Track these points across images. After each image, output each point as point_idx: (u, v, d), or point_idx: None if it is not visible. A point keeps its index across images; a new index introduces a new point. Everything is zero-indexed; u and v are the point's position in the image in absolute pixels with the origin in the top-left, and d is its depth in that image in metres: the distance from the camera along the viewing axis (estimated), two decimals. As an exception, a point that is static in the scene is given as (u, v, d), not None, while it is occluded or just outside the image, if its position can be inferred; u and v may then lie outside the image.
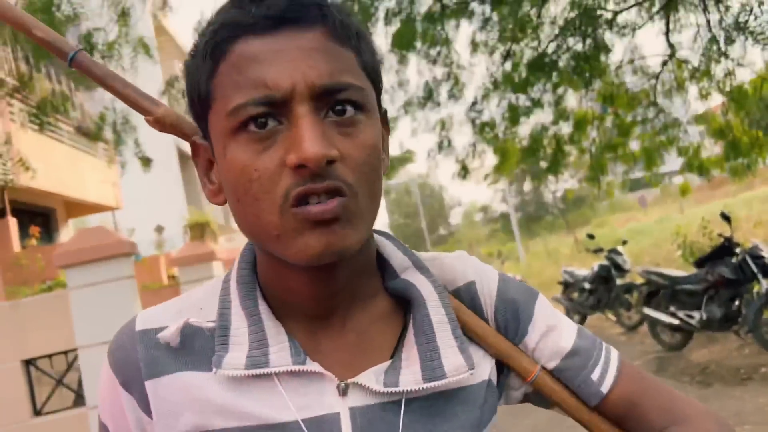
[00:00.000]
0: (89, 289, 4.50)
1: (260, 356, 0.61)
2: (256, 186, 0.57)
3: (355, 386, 0.62)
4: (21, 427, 4.48)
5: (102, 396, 0.67)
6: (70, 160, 10.09)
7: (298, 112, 0.56)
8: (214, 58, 0.59)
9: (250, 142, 0.57)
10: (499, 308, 0.71)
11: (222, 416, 0.61)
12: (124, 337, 0.66)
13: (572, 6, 7.13)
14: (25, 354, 4.54)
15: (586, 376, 0.70)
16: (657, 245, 12.99)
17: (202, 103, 0.62)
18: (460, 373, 0.63)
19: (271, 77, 0.56)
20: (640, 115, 8.37)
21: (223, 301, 0.65)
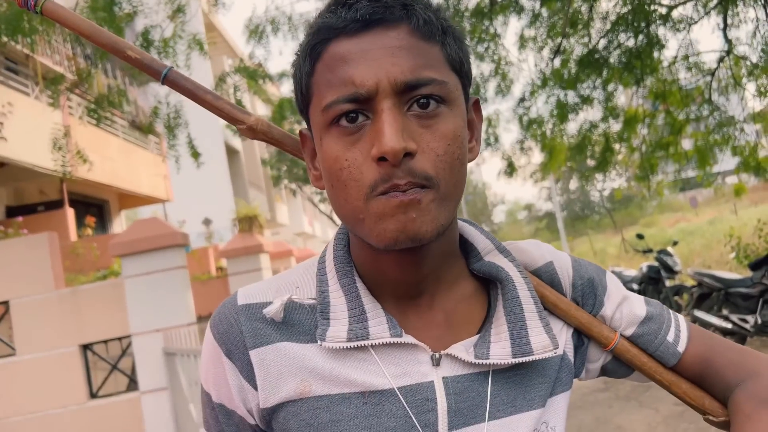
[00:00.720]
0: (143, 277, 4.66)
1: (360, 330, 0.66)
2: (345, 174, 0.62)
3: (447, 357, 0.67)
4: (78, 409, 4.67)
5: (205, 366, 0.72)
6: (123, 153, 10.42)
7: (381, 108, 0.60)
8: (311, 59, 0.65)
9: (342, 135, 0.62)
10: (577, 284, 0.77)
11: (323, 383, 0.66)
12: (226, 311, 0.71)
13: (625, 1, 6.97)
14: (82, 339, 4.73)
15: (663, 339, 0.76)
16: (708, 246, 12.60)
17: (304, 99, 0.67)
18: (546, 351, 0.68)
19: (358, 76, 0.61)
20: (694, 113, 8.13)
21: (320, 280, 0.70)
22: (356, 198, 0.61)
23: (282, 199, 24.15)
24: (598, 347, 0.77)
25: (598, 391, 5.81)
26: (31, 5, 0.80)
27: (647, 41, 6.92)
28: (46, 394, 4.66)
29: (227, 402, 0.70)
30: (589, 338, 0.77)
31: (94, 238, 8.80)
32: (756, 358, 0.76)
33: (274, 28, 6.59)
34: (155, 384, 4.62)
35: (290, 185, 20.66)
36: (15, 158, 7.28)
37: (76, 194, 9.96)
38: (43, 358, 4.69)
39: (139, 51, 0.81)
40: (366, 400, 0.66)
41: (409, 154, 0.59)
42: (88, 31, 0.81)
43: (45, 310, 4.73)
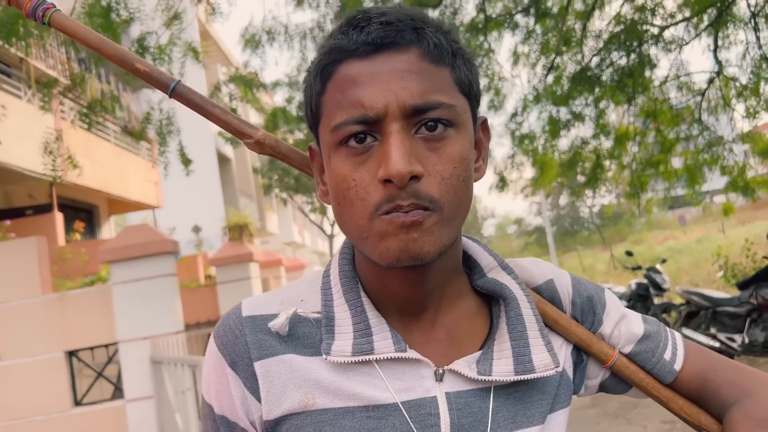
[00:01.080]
0: (132, 284, 4.63)
1: (365, 344, 0.66)
2: (352, 193, 0.63)
3: (451, 373, 0.68)
4: (62, 416, 4.61)
5: (208, 377, 0.72)
6: (114, 158, 10.38)
7: (390, 130, 0.61)
8: (322, 78, 0.66)
9: (350, 155, 0.63)
10: (576, 302, 0.78)
11: (327, 396, 0.67)
12: (231, 322, 0.71)
13: (618, 20, 7.06)
14: (68, 345, 4.68)
15: (660, 357, 0.78)
16: (696, 265, 12.69)
17: (313, 116, 0.69)
18: (547, 369, 0.69)
19: (368, 98, 0.62)
20: (684, 132, 8.22)
21: (325, 294, 0.71)
22: (361, 217, 0.63)
23: (272, 208, 24.10)
24: (596, 364, 0.78)
25: (587, 407, 5.81)
26: (39, 16, 0.80)
27: (639, 60, 7.01)
28: (30, 400, 4.60)
29: (229, 414, 0.70)
30: (588, 355, 0.78)
31: (82, 243, 8.73)
32: (753, 377, 0.77)
33: (269, 38, 6.61)
34: (141, 392, 4.57)
35: (281, 194, 20.64)
36: (5, 161, 7.23)
37: (66, 199, 9.89)
38: (27, 363, 4.64)
39: (147, 64, 0.82)
40: (370, 414, 0.66)
41: (415, 177, 0.61)
42: (95, 42, 0.81)
43: (31, 315, 4.68)
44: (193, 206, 15.80)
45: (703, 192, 8.80)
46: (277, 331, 0.69)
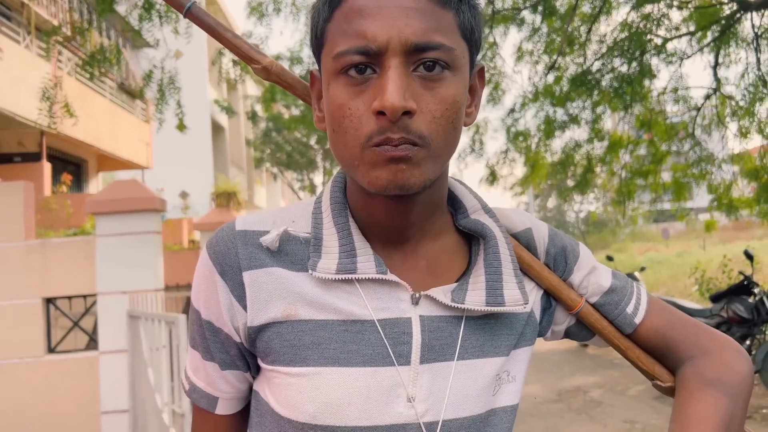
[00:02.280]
0: (116, 238, 4.63)
1: (349, 264, 0.71)
2: (347, 122, 0.66)
3: (426, 298, 0.72)
4: (34, 362, 4.63)
5: (198, 285, 0.76)
6: (108, 114, 10.29)
7: (389, 64, 0.64)
8: (330, 6, 0.68)
9: (349, 84, 0.66)
10: (550, 251, 0.83)
11: (310, 308, 0.71)
12: (224, 234, 0.75)
13: (623, 27, 7.11)
14: (46, 292, 4.68)
15: (622, 310, 0.82)
16: (674, 277, 12.87)
17: (318, 42, 0.71)
18: (516, 304, 0.74)
19: (371, 30, 0.64)
20: (676, 145, 8.31)
21: (315, 217, 0.75)
22: (353, 146, 0.65)
23: (262, 181, 24.01)
24: (563, 311, 0.83)
25: (551, 402, 5.92)
26: None
27: (640, 69, 7.07)
28: (3, 343, 4.61)
29: (215, 320, 0.74)
30: (557, 301, 0.83)
31: (68, 195, 8.68)
32: (709, 337, 0.81)
33: (276, 8, 6.59)
34: (115, 345, 4.59)
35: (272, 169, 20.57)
36: (-3, 105, 7.16)
37: (55, 150, 9.81)
38: (4, 306, 4.64)
39: None
40: (347, 327, 0.70)
41: (408, 113, 0.63)
42: None
43: (12, 259, 4.68)
44: (182, 171, 15.72)
45: (688, 208, 8.92)
46: (268, 246, 0.72)
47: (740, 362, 0.79)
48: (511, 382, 0.77)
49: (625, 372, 7.09)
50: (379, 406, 0.69)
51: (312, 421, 0.69)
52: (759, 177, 7.41)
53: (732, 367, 0.78)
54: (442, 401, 0.71)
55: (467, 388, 0.72)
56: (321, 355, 0.70)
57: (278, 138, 18.78)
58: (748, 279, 6.31)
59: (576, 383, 6.73)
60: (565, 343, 9.70)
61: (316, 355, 0.70)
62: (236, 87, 18.50)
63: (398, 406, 0.70)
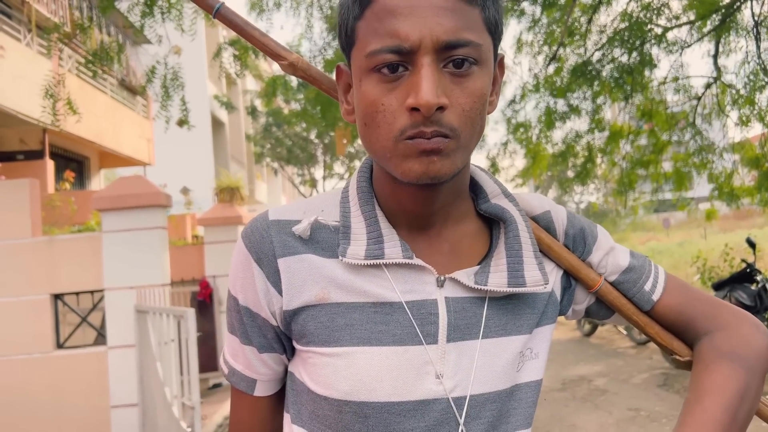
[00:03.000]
0: (122, 234, 4.66)
1: (377, 250, 0.75)
2: (380, 117, 0.69)
3: (451, 280, 0.76)
4: (43, 357, 4.67)
5: (234, 272, 0.80)
6: (109, 111, 10.31)
7: (421, 62, 0.67)
8: (361, 4, 0.71)
9: (381, 81, 0.69)
10: (569, 233, 0.86)
11: (340, 291, 0.75)
12: (258, 224, 0.79)
13: (623, 17, 7.11)
14: (54, 288, 4.72)
15: (641, 287, 0.86)
16: (676, 267, 12.92)
17: (348, 39, 0.74)
18: (537, 285, 0.77)
19: (404, 30, 0.67)
20: (677, 135, 8.32)
21: (343, 206, 0.80)
22: (386, 139, 0.69)
23: (262, 176, 24.02)
24: (583, 290, 0.86)
25: (556, 390, 5.97)
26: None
27: (640, 59, 7.07)
28: (12, 339, 4.65)
29: (252, 305, 0.78)
30: (576, 281, 0.86)
31: (71, 192, 8.71)
32: (727, 312, 0.84)
33: (276, 2, 6.59)
34: (123, 340, 4.63)
35: (272, 164, 20.58)
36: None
37: (58, 147, 9.84)
38: (12, 302, 4.67)
39: None
40: (377, 309, 0.74)
41: (440, 108, 0.67)
42: None
43: (19, 256, 4.71)
44: (183, 167, 15.74)
45: (689, 198, 8.94)
46: (300, 235, 0.77)
47: (758, 337, 0.81)
48: (534, 359, 0.80)
49: (628, 360, 7.14)
50: (409, 382, 0.73)
51: (346, 398, 0.73)
52: (760, 165, 7.43)
53: (749, 341, 0.80)
54: (469, 377, 0.75)
55: (492, 365, 0.76)
56: (353, 335, 0.74)
57: (278, 133, 18.79)
58: (750, 266, 6.34)
59: (580, 372, 6.78)
60: (569, 332, 9.74)
61: (349, 335, 0.74)
62: (236, 82, 18.50)
63: (427, 382, 0.73)
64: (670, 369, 6.59)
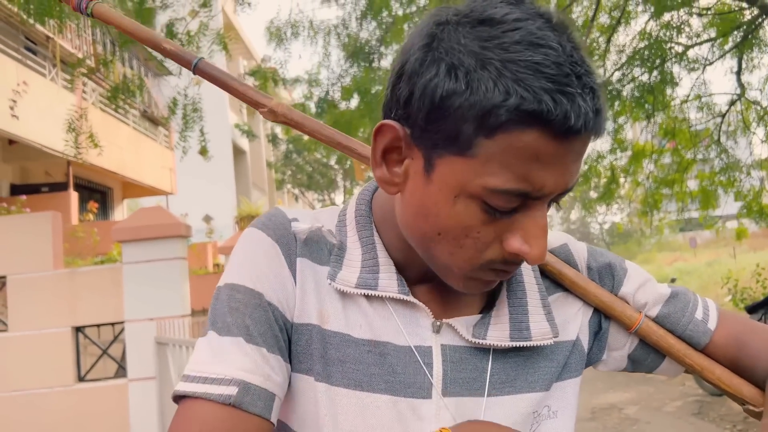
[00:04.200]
0: (143, 265, 4.66)
1: (370, 279, 0.67)
2: (469, 242, 0.60)
3: (448, 327, 0.67)
4: (65, 391, 4.65)
5: (254, 265, 0.66)
6: (132, 142, 10.46)
7: (538, 208, 0.58)
8: (500, 125, 0.54)
9: (485, 212, 0.58)
10: (592, 266, 0.75)
11: (336, 317, 0.67)
12: (279, 217, 0.70)
13: (642, 36, 7.05)
14: (76, 321, 4.72)
15: (691, 316, 0.73)
16: (705, 288, 12.60)
17: (450, 133, 0.57)
18: (544, 338, 0.68)
19: (539, 180, 0.56)
20: (701, 153, 8.18)
21: (340, 230, 0.71)
22: (466, 262, 0.61)
23: (284, 203, 24.17)
24: (621, 331, 0.75)
25: (585, 420, 5.79)
26: (83, 8, 0.90)
27: (661, 78, 6.99)
28: (34, 373, 4.65)
29: (282, 303, 0.66)
30: (610, 321, 0.75)
31: (95, 223, 8.81)
32: None
33: (294, 32, 6.66)
34: (144, 372, 4.60)
35: (293, 190, 20.72)
36: (25, 137, 7.31)
37: (81, 179, 9.99)
38: (34, 336, 4.68)
39: (173, 44, 0.90)
40: (370, 348, 0.66)
41: None
42: (130, 27, 0.91)
43: (41, 289, 4.73)
44: (205, 196, 15.89)
45: (715, 216, 8.76)
46: (296, 234, 0.68)
47: None
48: (552, 419, 0.69)
49: (660, 387, 6.93)
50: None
51: None
52: (789, 182, 7.26)
53: None
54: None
55: None
56: (344, 374, 0.65)
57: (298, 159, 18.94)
58: (784, 288, 6.13)
59: (610, 400, 6.58)
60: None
61: (340, 373, 0.65)
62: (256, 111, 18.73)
63: None
64: (704, 397, 6.37)
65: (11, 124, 6.80)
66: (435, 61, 0.57)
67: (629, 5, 6.87)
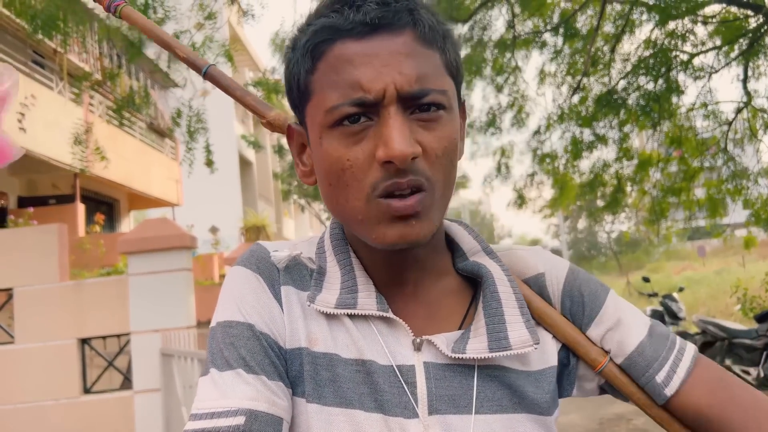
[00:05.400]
0: (148, 276, 4.67)
1: (350, 299, 0.68)
2: (347, 174, 0.63)
3: (429, 344, 0.68)
4: (70, 403, 4.65)
5: (242, 298, 0.69)
6: (138, 154, 10.52)
7: (388, 113, 0.61)
8: (313, 57, 0.65)
9: (344, 135, 0.63)
10: (565, 299, 0.74)
11: (324, 339, 0.68)
12: (259, 251, 0.73)
13: (647, 45, 7.04)
14: (81, 333, 4.72)
15: (650, 377, 0.70)
16: (714, 296, 12.50)
17: (300, 95, 0.68)
18: (525, 346, 0.66)
19: (366, 80, 0.61)
20: (708, 161, 8.14)
21: (319, 256, 0.73)
22: (356, 198, 0.63)
23: (290, 213, 24.20)
24: (589, 367, 0.73)
25: (593, 431, 5.73)
26: (113, 10, 0.97)
27: (666, 86, 6.97)
28: (40, 385, 4.65)
29: (273, 332, 0.68)
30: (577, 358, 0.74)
31: (101, 235, 8.85)
32: None
33: (298, 44, 6.69)
34: (149, 384, 4.60)
35: (299, 200, 20.74)
36: (31, 149, 7.36)
37: (88, 191, 10.04)
38: (40, 348, 4.69)
39: (186, 50, 0.95)
40: (357, 368, 0.66)
41: (413, 158, 0.61)
42: (152, 30, 0.96)
43: (47, 301, 4.74)
44: (212, 207, 15.93)
45: (724, 225, 8.70)
46: (275, 263, 0.71)
47: None
48: None
49: (668, 397, 6.85)
50: None
51: None
52: (798, 190, 7.21)
53: None
54: None
55: None
56: (337, 393, 0.65)
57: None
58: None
59: (617, 410, 6.52)
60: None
61: (333, 393, 0.65)
62: (262, 122, 18.82)
63: None
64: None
65: (19, 137, 6.84)
66: (285, 60, 0.70)
67: (633, 14, 6.87)
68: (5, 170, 8.53)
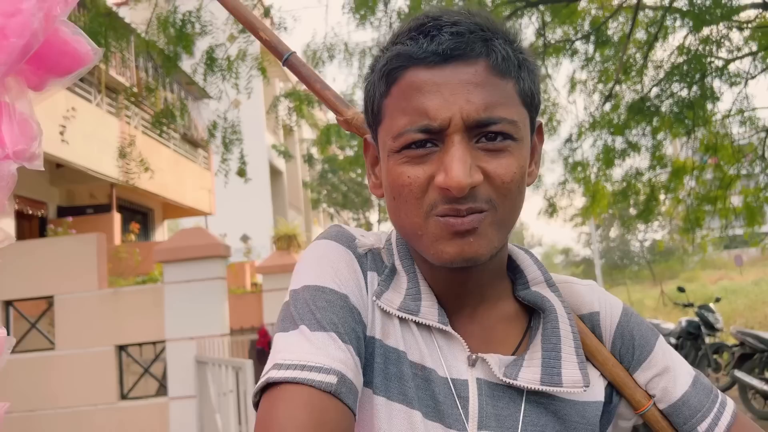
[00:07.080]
0: (183, 285, 4.76)
1: (413, 306, 0.69)
2: (407, 191, 0.65)
3: (483, 362, 0.69)
4: (107, 408, 4.75)
5: (336, 268, 0.69)
6: (172, 164, 10.72)
7: (452, 141, 0.63)
8: (387, 82, 0.67)
9: (409, 157, 0.65)
10: (617, 340, 0.76)
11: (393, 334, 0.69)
12: (347, 233, 0.75)
13: (680, 51, 6.94)
14: (119, 340, 4.83)
15: (692, 427, 0.72)
16: (752, 307, 12.18)
17: (374, 116, 0.71)
18: (575, 386, 0.67)
19: (432, 108, 0.63)
20: (745, 168, 7.97)
21: (388, 252, 0.75)
22: (416, 215, 0.65)
23: (319, 222, 24.35)
24: (630, 406, 0.75)
25: None
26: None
27: (701, 93, 6.85)
28: (78, 390, 4.76)
29: (361, 311, 0.69)
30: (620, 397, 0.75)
31: (137, 243, 9.03)
32: None
33: (330, 55, 6.76)
34: (184, 391, 4.67)
35: (329, 209, 20.87)
36: (71, 161, 7.57)
37: (124, 200, 10.27)
38: (79, 355, 4.81)
39: (270, 33, 0.92)
40: (416, 371, 0.68)
41: (473, 187, 0.63)
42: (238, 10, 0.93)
43: (86, 309, 4.86)
44: (243, 216, 16.12)
45: (762, 233, 8.49)
46: (359, 248, 0.73)
47: None
48: None
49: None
50: None
51: None
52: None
53: None
54: None
55: None
56: (401, 391, 0.67)
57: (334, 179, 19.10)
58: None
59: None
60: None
61: (398, 390, 0.67)
62: (292, 132, 19.03)
63: None
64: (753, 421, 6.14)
65: (60, 148, 7.05)
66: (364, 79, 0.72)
67: (666, 20, 6.78)
68: (45, 181, 8.79)
